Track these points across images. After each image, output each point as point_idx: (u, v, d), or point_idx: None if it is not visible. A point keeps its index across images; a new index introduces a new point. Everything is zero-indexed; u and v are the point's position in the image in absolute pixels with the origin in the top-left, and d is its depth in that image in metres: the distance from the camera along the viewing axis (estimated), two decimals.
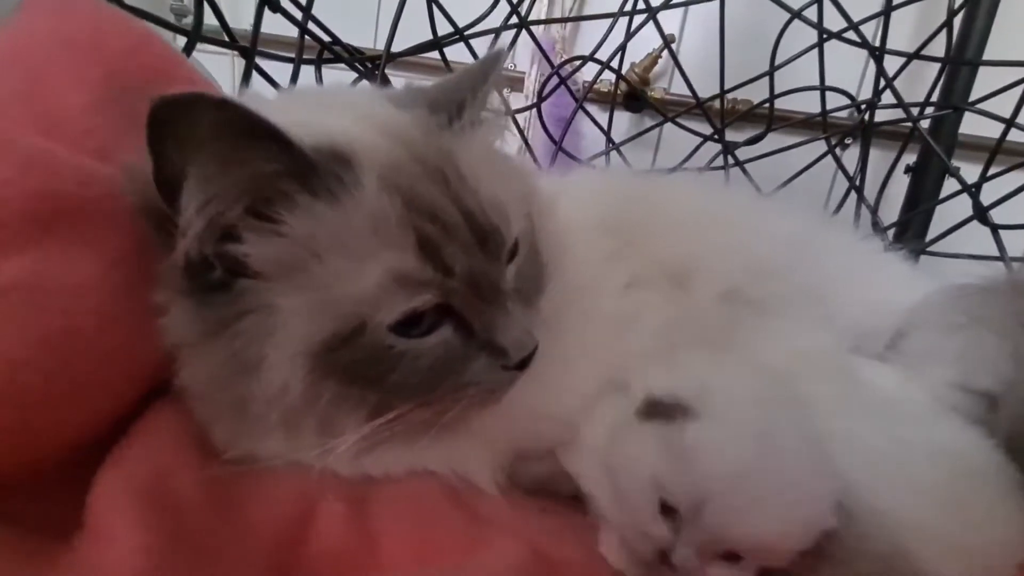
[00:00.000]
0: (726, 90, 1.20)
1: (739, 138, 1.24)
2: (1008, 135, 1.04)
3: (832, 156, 1.25)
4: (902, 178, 1.30)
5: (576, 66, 1.27)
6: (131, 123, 0.51)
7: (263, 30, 0.95)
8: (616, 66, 1.23)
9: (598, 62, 1.21)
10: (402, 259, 0.42)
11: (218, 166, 0.39)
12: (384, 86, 0.99)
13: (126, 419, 0.44)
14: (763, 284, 0.63)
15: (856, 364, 0.61)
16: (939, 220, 1.21)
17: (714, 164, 1.24)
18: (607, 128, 1.29)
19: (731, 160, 1.24)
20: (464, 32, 1.10)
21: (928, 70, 1.21)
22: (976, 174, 1.07)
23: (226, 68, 1.28)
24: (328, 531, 0.44)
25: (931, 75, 1.20)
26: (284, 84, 0.98)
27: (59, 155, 0.43)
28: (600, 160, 1.27)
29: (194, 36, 0.84)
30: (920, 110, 1.20)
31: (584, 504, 0.52)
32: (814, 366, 0.56)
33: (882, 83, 1.13)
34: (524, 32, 1.16)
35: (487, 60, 0.54)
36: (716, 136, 1.24)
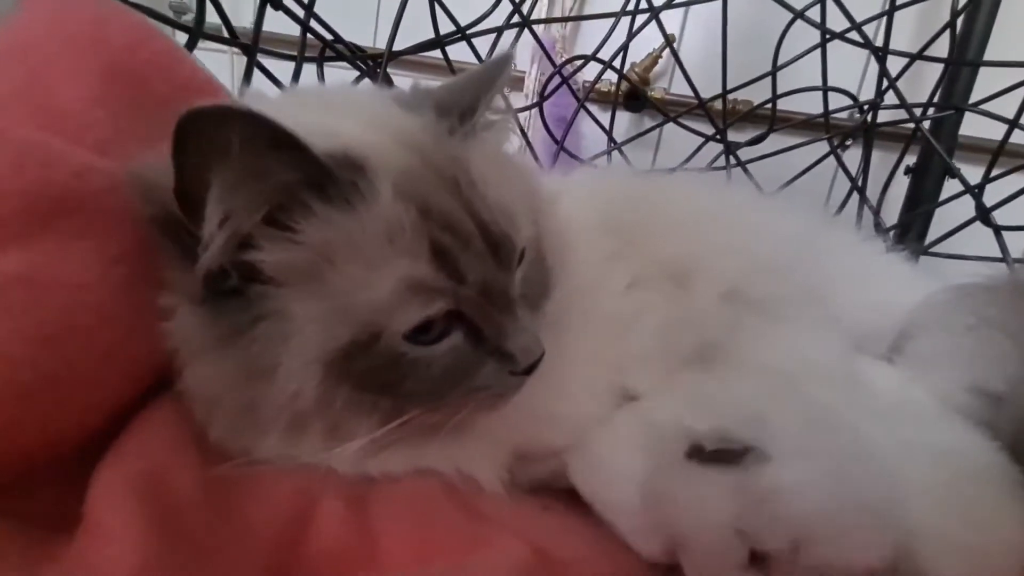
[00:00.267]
0: (728, 90, 1.19)
1: (741, 138, 1.24)
2: (1010, 136, 1.03)
3: (834, 156, 1.24)
4: (903, 179, 1.30)
5: (577, 66, 1.27)
6: (132, 118, 0.51)
7: (265, 28, 0.95)
8: (618, 66, 1.23)
9: (600, 62, 1.21)
10: (417, 267, 0.43)
11: (242, 178, 0.39)
12: (386, 85, 0.99)
13: (124, 416, 0.44)
14: (764, 284, 0.62)
15: (859, 364, 0.60)
16: (938, 221, 1.21)
17: (716, 164, 1.24)
18: (608, 128, 1.29)
19: (733, 160, 1.23)
20: (466, 31, 1.10)
21: (928, 71, 1.21)
22: (975, 176, 1.07)
23: (227, 66, 1.28)
24: (327, 530, 0.43)
25: (932, 76, 1.19)
26: (286, 82, 0.98)
27: (54, 147, 0.43)
28: (601, 160, 1.27)
29: (196, 33, 0.84)
30: (923, 111, 1.19)
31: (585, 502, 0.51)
32: (821, 373, 0.56)
33: (885, 84, 1.12)
34: (524, 31, 1.16)
35: (494, 64, 0.54)
36: (718, 136, 1.24)
